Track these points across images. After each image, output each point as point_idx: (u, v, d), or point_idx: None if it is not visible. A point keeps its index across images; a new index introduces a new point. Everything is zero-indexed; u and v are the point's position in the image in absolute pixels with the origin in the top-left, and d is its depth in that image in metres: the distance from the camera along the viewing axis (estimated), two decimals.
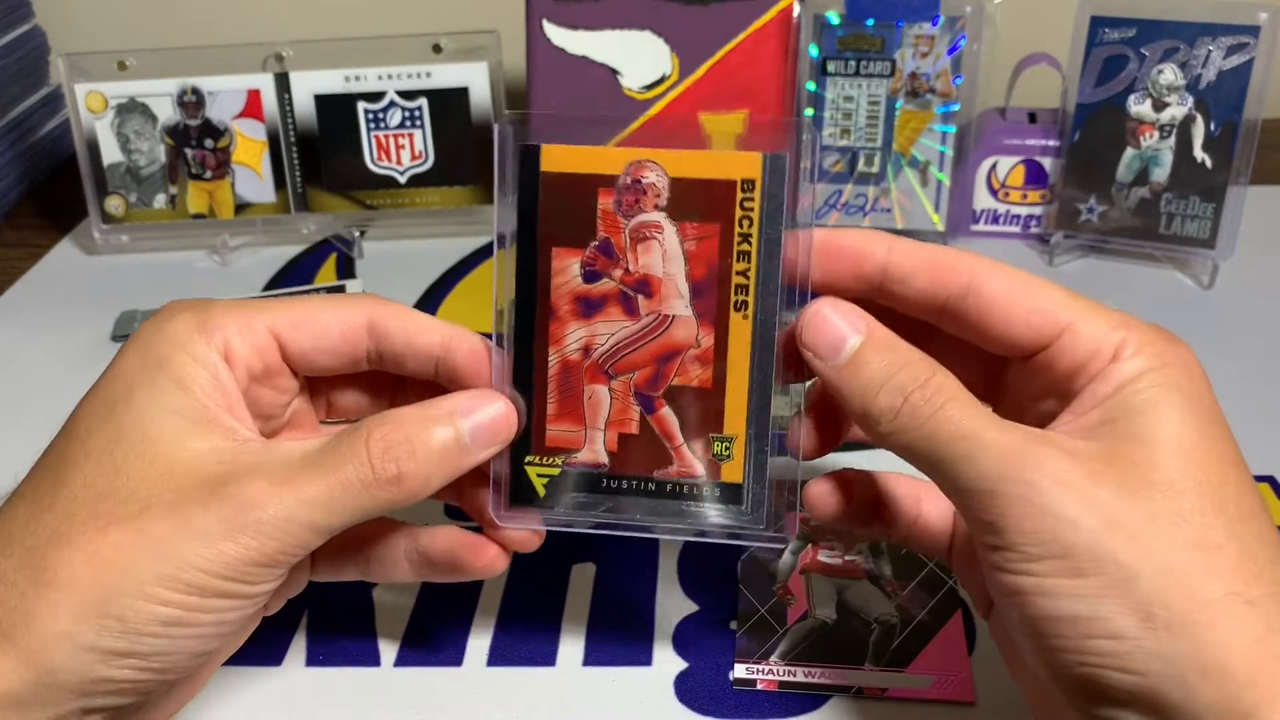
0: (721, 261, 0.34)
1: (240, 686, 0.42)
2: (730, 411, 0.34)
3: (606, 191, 0.35)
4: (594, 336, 0.35)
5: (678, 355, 0.35)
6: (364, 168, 0.71)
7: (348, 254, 0.73)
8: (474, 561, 0.37)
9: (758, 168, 0.34)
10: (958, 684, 0.40)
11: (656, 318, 0.35)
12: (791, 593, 0.45)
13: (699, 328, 0.35)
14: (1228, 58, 0.62)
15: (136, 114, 0.69)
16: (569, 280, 0.35)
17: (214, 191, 0.71)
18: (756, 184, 0.34)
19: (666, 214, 0.35)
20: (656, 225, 0.35)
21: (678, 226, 0.34)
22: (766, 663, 0.42)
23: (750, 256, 0.34)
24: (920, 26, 0.65)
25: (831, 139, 0.68)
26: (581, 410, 0.35)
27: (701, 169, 0.34)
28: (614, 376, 0.35)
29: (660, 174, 0.34)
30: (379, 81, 0.69)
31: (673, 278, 0.35)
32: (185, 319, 0.35)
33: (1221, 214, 0.64)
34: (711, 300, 0.34)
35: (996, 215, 0.71)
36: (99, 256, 0.74)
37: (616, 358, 0.35)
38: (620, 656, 0.43)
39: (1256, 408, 0.55)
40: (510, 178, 0.35)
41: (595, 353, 0.35)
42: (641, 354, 0.35)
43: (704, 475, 0.35)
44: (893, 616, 0.43)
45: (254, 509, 0.31)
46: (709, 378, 0.34)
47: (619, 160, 0.35)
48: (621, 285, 0.35)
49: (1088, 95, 0.65)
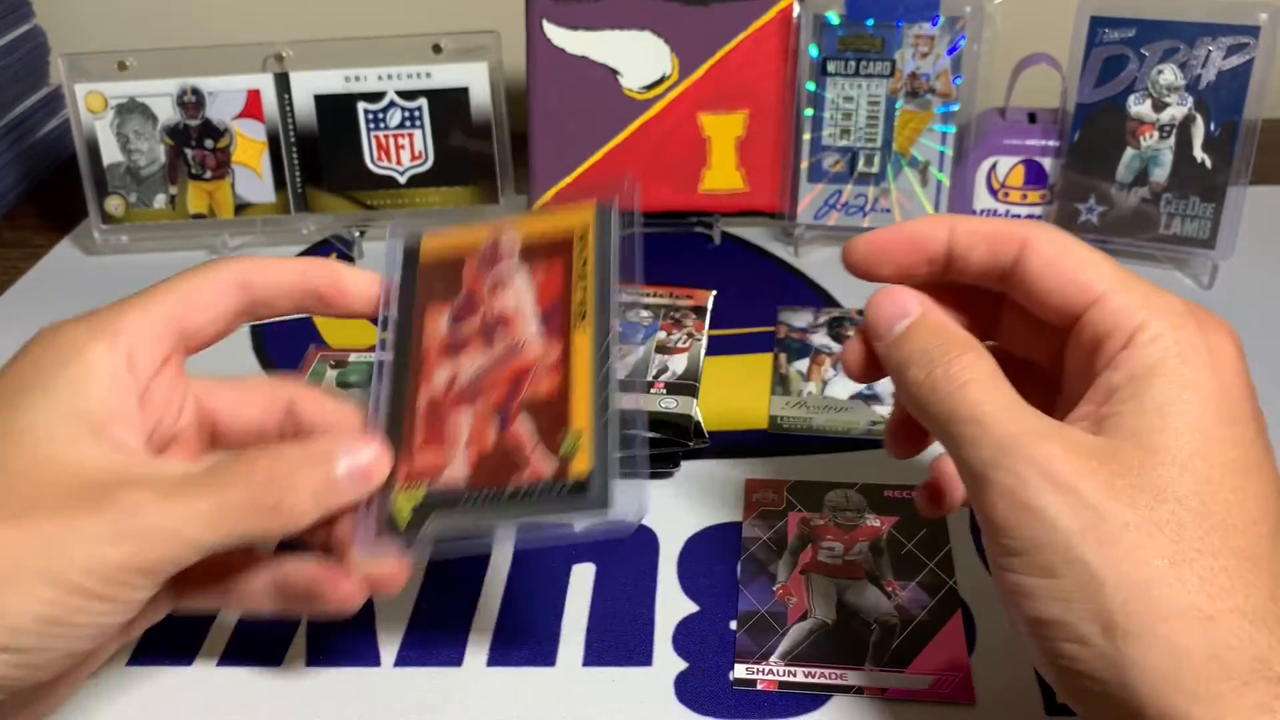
0: (564, 289, 0.39)
1: (241, 686, 0.42)
2: (576, 410, 0.37)
3: (471, 258, 0.41)
4: (458, 372, 0.39)
5: (529, 372, 0.39)
6: (364, 168, 0.71)
7: (348, 254, 0.73)
8: (331, 593, 0.37)
9: (591, 215, 0.41)
10: (957, 684, 0.40)
11: (509, 343, 0.39)
12: (791, 593, 0.45)
13: (547, 344, 0.39)
14: (1227, 58, 0.62)
15: (136, 114, 0.69)
16: (439, 329, 0.41)
17: (214, 192, 0.71)
18: (590, 226, 0.40)
19: (520, 262, 0.41)
20: (508, 273, 0.41)
21: (530, 269, 0.40)
22: (766, 663, 0.42)
23: (587, 277, 0.39)
24: (920, 27, 0.65)
25: (831, 139, 0.68)
26: (445, 435, 0.38)
27: (547, 225, 0.41)
28: (474, 399, 0.39)
29: (513, 236, 0.41)
30: (379, 81, 0.69)
31: (523, 311, 0.40)
32: (85, 323, 0.37)
33: (1221, 214, 0.64)
34: (557, 321, 0.39)
35: (996, 215, 0.71)
36: (99, 257, 0.74)
37: (477, 384, 0.39)
38: (620, 657, 0.43)
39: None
40: (397, 272, 0.42)
41: (458, 383, 0.39)
42: (496, 376, 0.39)
43: (549, 475, 0.36)
44: (892, 616, 0.43)
45: (140, 516, 0.32)
46: (556, 385, 0.38)
47: (483, 233, 0.42)
48: (482, 324, 0.40)
49: (1087, 95, 0.65)
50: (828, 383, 0.58)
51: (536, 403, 0.38)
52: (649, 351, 0.56)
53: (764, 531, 0.48)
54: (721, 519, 0.49)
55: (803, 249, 0.71)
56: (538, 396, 0.38)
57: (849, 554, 0.47)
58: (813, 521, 0.48)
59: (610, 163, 0.70)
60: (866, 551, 0.47)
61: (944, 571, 0.45)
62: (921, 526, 0.48)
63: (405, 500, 0.37)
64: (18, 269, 0.73)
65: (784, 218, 0.70)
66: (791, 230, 0.70)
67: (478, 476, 0.37)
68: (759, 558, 0.47)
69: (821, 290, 0.66)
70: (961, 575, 0.45)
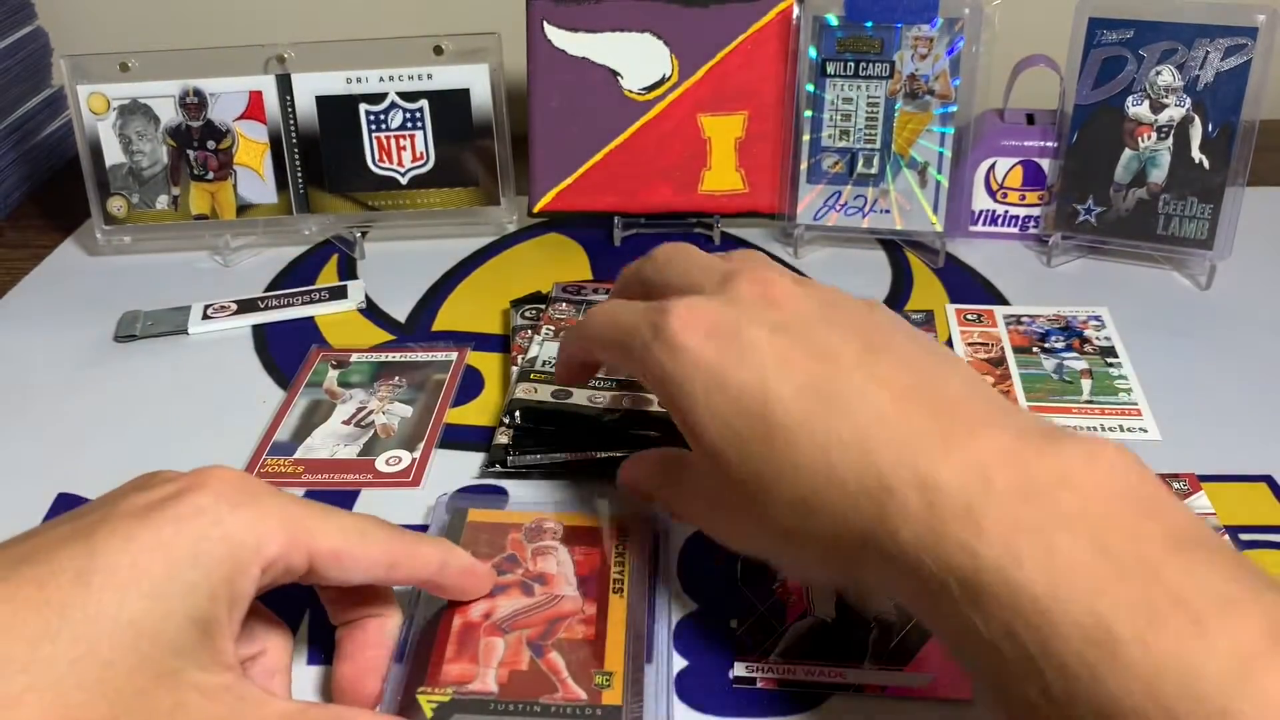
0: (602, 566, 0.44)
1: None
2: (610, 655, 0.40)
3: (516, 533, 0.45)
4: (495, 608, 0.42)
5: (565, 620, 0.41)
6: (365, 169, 0.71)
7: (349, 255, 0.73)
8: None
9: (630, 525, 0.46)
10: (957, 682, 0.41)
11: (549, 595, 0.42)
12: (791, 591, 0.45)
13: (584, 602, 0.42)
14: (1225, 59, 0.62)
15: (139, 115, 0.70)
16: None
17: (216, 192, 0.71)
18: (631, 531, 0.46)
19: (561, 542, 0.45)
20: (552, 546, 0.45)
21: (570, 549, 0.45)
22: (766, 661, 0.42)
23: (625, 563, 0.44)
24: (919, 28, 0.65)
25: (830, 140, 0.68)
26: (478, 654, 0.40)
27: (589, 520, 0.46)
28: (509, 632, 0.41)
29: (557, 525, 0.46)
30: (380, 83, 0.70)
31: (563, 574, 0.43)
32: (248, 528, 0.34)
33: (1219, 215, 0.64)
34: (593, 587, 0.43)
35: (995, 216, 0.71)
36: (101, 257, 0.74)
37: (513, 619, 0.41)
38: None
39: (1254, 408, 0.55)
40: (441, 528, 0.46)
41: (494, 616, 0.41)
42: (534, 618, 0.42)
43: (586, 699, 0.38)
44: (892, 614, 0.44)
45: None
46: (592, 633, 0.41)
47: (528, 517, 0.46)
48: (523, 578, 0.43)
49: (1086, 96, 0.66)
50: None
51: (572, 642, 0.40)
52: None
53: None
54: None
55: (802, 250, 0.71)
56: (573, 638, 0.41)
57: None
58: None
59: (610, 164, 0.70)
60: None
61: None
62: None
63: (429, 699, 0.38)
64: (20, 269, 0.73)
65: (783, 218, 0.71)
66: (791, 231, 0.71)
67: (509, 689, 0.38)
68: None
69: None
70: None
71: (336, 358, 0.61)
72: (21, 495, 0.52)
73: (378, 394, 0.58)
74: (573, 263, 0.71)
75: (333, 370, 0.60)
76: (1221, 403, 0.56)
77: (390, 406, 0.57)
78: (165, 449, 0.55)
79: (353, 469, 0.53)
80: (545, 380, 0.54)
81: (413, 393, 0.58)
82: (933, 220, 0.68)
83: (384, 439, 0.54)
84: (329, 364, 0.60)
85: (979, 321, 0.63)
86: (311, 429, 0.55)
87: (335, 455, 0.53)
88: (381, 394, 0.58)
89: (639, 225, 0.73)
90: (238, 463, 0.54)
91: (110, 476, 0.55)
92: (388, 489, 0.52)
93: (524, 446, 0.51)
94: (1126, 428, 0.54)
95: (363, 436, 0.55)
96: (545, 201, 0.71)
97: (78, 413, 0.58)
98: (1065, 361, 0.59)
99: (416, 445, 0.54)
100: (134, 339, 0.64)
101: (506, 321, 0.64)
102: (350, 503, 0.51)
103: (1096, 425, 0.54)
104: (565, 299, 0.62)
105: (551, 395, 0.53)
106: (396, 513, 0.47)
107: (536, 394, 0.53)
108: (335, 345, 0.63)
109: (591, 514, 0.47)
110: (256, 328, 0.65)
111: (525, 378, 0.54)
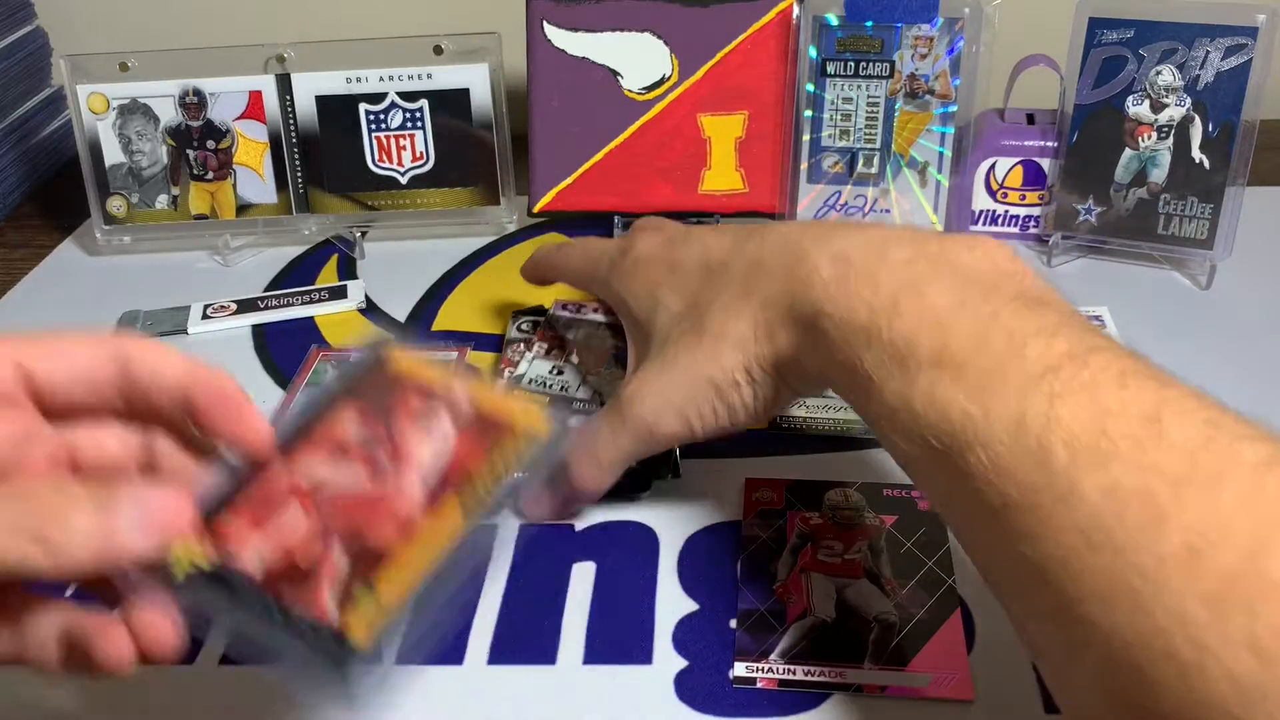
0: (473, 471, 0.35)
1: (244, 686, 0.42)
2: (391, 579, 0.33)
3: (417, 389, 0.37)
4: (329, 476, 0.35)
5: (382, 514, 0.34)
6: (365, 169, 0.71)
7: (349, 254, 0.73)
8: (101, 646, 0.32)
9: (543, 426, 0.36)
10: (956, 682, 0.41)
11: (388, 481, 0.35)
12: (791, 591, 0.45)
13: (421, 502, 0.34)
14: (1226, 59, 0.62)
15: (138, 115, 0.70)
16: (343, 428, 0.37)
17: (216, 192, 0.71)
18: (534, 436, 0.36)
19: (454, 424, 0.36)
20: (442, 424, 0.36)
21: (459, 437, 0.36)
22: (766, 661, 0.42)
23: (499, 475, 0.35)
24: (919, 28, 0.65)
25: (831, 140, 0.68)
26: (265, 521, 0.34)
27: (501, 405, 0.37)
28: (318, 508, 0.35)
29: (465, 395, 0.37)
30: (380, 83, 0.70)
31: (422, 462, 0.35)
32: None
33: (1219, 215, 0.64)
34: (444, 493, 0.35)
35: (995, 216, 0.71)
36: (101, 257, 0.74)
37: (331, 498, 0.35)
38: (620, 655, 0.43)
39: (1254, 408, 0.55)
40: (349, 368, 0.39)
41: (316, 487, 0.35)
42: (351, 500, 0.35)
43: (328, 617, 0.32)
44: (892, 615, 0.44)
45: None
46: (392, 543, 0.33)
47: (444, 377, 0.38)
48: (378, 454, 0.36)
49: (1086, 96, 0.66)
50: None
51: (364, 547, 0.34)
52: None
53: (764, 530, 0.48)
54: (721, 518, 0.49)
55: None
56: (368, 541, 0.34)
57: (848, 553, 0.47)
58: (812, 520, 0.48)
59: (610, 164, 0.70)
60: (866, 550, 0.47)
61: (943, 570, 0.46)
62: (921, 525, 0.48)
63: (187, 554, 0.33)
64: (20, 269, 0.73)
65: (783, 218, 0.71)
66: None
67: (269, 576, 0.33)
68: (759, 556, 0.47)
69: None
70: (960, 574, 0.45)
71: (337, 357, 0.61)
72: None
73: None
74: None
75: (333, 370, 0.60)
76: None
77: None
78: None
79: None
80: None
81: None
82: (933, 220, 0.68)
83: None
84: (329, 363, 0.61)
85: None
86: None
87: None
88: None
89: None
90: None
91: None
92: None
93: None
94: None
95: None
96: (545, 201, 0.71)
97: None
98: None
99: None
100: None
101: (507, 326, 0.64)
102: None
103: None
104: (565, 317, 0.61)
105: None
106: None
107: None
108: (335, 345, 0.63)
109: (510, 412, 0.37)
110: (256, 328, 0.65)
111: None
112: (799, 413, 0.55)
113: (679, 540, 0.48)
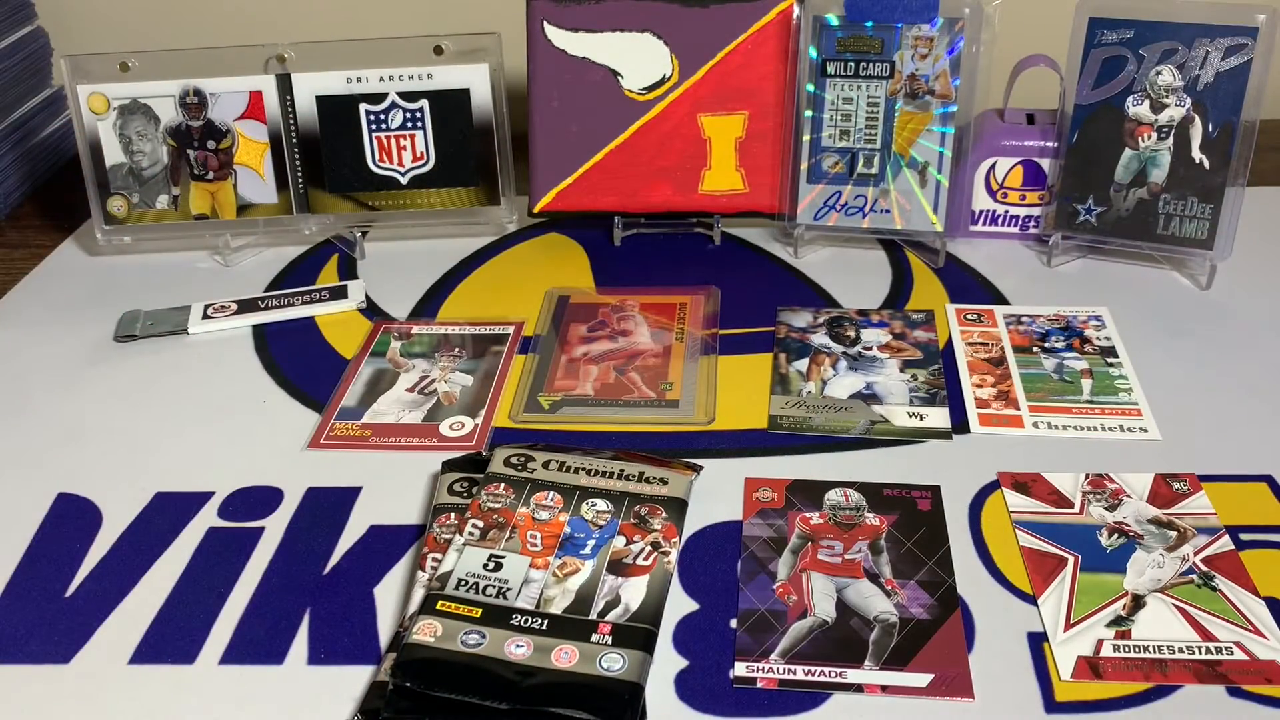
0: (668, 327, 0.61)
1: (241, 685, 0.42)
2: (672, 371, 0.59)
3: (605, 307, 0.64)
4: (590, 350, 0.60)
5: (642, 354, 0.60)
6: (365, 169, 0.71)
7: (349, 254, 0.73)
8: None
9: (689, 308, 0.64)
10: (957, 682, 0.41)
11: (630, 343, 0.60)
12: (791, 591, 0.45)
13: (656, 344, 0.59)
14: (1225, 59, 0.62)
15: (139, 115, 0.70)
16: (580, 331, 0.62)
17: (216, 192, 0.71)
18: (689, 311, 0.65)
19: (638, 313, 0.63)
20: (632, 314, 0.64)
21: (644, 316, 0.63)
22: (766, 661, 0.42)
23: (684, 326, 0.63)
24: (919, 28, 0.65)
25: (831, 140, 0.68)
26: (578, 375, 0.58)
27: (659, 300, 0.66)
28: (600, 362, 0.59)
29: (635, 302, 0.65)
30: (380, 83, 0.70)
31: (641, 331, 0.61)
32: None
33: (1219, 215, 0.64)
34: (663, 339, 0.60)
35: (995, 216, 0.71)
36: (101, 257, 0.74)
37: (603, 356, 0.58)
38: None
39: (1254, 407, 0.55)
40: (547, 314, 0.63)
41: (589, 355, 0.58)
42: (618, 354, 0.59)
43: (655, 396, 0.56)
44: (892, 615, 0.44)
45: None
46: (660, 360, 0.59)
47: (612, 299, 0.65)
48: (609, 333, 0.60)
49: (1086, 96, 0.66)
50: (827, 382, 0.58)
51: (645, 368, 0.59)
52: (599, 569, 0.44)
53: (764, 530, 0.48)
54: (721, 518, 0.49)
55: (802, 249, 0.71)
56: (646, 365, 0.59)
57: (848, 552, 0.47)
58: (812, 520, 0.48)
59: (610, 164, 0.70)
60: (866, 550, 0.47)
61: (943, 570, 0.46)
62: (921, 525, 0.48)
63: (546, 399, 0.56)
64: (21, 269, 0.73)
65: (783, 218, 0.71)
66: (791, 230, 0.71)
67: (601, 393, 0.57)
68: (759, 556, 0.47)
69: (821, 290, 0.67)
70: (960, 574, 0.45)
71: (400, 330, 0.64)
72: (21, 494, 0.52)
73: (439, 364, 0.61)
74: (573, 263, 0.71)
75: (395, 341, 0.63)
76: (1221, 403, 0.56)
77: (452, 375, 0.60)
78: (165, 449, 0.55)
79: (419, 433, 0.56)
80: (458, 615, 0.41)
81: (472, 362, 0.61)
82: (933, 220, 0.68)
83: (447, 406, 0.58)
84: (391, 335, 0.63)
85: (979, 321, 0.63)
86: (377, 395, 0.58)
87: (401, 420, 0.57)
88: (443, 364, 0.61)
89: (639, 225, 0.73)
90: (237, 462, 0.54)
91: (110, 476, 0.55)
92: (454, 452, 0.53)
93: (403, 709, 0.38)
94: (1127, 427, 0.54)
95: (426, 404, 0.58)
96: (545, 201, 0.71)
97: (78, 413, 0.58)
98: (1065, 361, 0.59)
99: (478, 412, 0.57)
100: (134, 339, 0.64)
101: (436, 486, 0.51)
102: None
103: (1097, 425, 0.54)
104: (505, 477, 0.48)
105: (462, 639, 0.40)
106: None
107: (439, 636, 0.41)
108: (335, 345, 0.63)
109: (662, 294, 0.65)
110: (256, 327, 0.65)
111: (430, 608, 0.42)
112: (798, 412, 0.55)
113: (679, 540, 0.48)
